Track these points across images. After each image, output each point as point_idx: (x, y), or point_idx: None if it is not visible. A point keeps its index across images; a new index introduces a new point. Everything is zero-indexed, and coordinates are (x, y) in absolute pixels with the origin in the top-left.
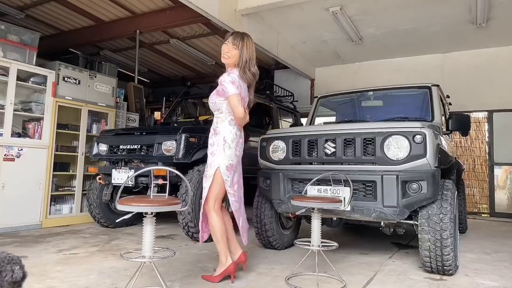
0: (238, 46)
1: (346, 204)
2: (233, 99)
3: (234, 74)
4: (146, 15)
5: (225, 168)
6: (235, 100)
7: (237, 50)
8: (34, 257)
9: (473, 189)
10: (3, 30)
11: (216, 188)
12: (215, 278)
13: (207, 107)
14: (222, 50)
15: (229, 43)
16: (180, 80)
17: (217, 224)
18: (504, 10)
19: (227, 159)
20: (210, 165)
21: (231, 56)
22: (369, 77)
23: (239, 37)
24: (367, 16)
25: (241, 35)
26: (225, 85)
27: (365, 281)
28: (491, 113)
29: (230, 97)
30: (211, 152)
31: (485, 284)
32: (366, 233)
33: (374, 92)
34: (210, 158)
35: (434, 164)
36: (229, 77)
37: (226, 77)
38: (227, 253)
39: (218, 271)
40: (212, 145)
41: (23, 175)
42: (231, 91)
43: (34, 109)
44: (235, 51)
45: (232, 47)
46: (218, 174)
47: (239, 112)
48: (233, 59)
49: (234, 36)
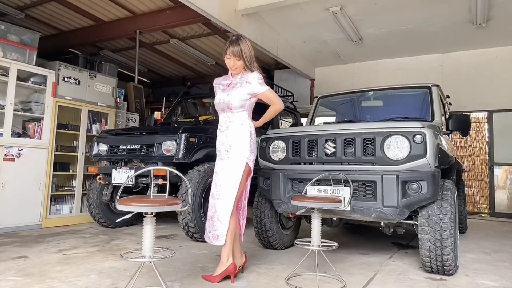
0: (240, 55)
1: (346, 204)
2: (271, 93)
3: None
4: (146, 15)
5: (252, 164)
6: (272, 93)
7: (240, 59)
8: (34, 257)
9: (473, 189)
10: (3, 30)
11: (242, 185)
12: (215, 278)
13: (207, 107)
14: (228, 65)
15: (231, 57)
16: (180, 80)
17: (235, 223)
18: (504, 10)
19: (253, 155)
20: (239, 161)
21: (238, 67)
22: (369, 77)
23: (236, 47)
24: (367, 16)
25: (236, 43)
26: (259, 82)
27: (365, 281)
28: (491, 113)
29: (266, 92)
30: (238, 148)
31: (485, 284)
32: (366, 233)
33: (374, 92)
34: (236, 154)
35: (434, 164)
36: (257, 75)
37: (255, 75)
38: (230, 254)
39: (218, 271)
40: (239, 141)
41: (23, 175)
42: (265, 87)
43: (34, 109)
44: (239, 62)
45: (235, 59)
46: (247, 170)
47: (280, 103)
48: (241, 67)
49: (232, 49)
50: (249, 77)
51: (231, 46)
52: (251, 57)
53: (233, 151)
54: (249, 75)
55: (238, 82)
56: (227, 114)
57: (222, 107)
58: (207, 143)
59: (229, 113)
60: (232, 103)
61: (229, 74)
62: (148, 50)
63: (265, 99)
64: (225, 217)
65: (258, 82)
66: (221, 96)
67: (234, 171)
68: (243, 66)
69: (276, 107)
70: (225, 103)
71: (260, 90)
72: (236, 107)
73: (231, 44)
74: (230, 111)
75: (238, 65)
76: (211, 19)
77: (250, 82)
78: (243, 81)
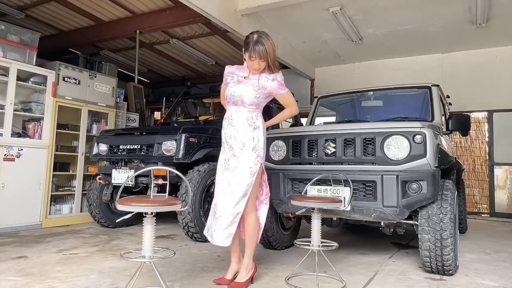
0: (265, 57)
1: (346, 204)
2: (290, 97)
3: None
4: (146, 15)
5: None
6: (291, 97)
7: (264, 61)
8: (34, 257)
9: (473, 189)
10: (3, 30)
11: (256, 185)
12: (244, 284)
13: (207, 107)
14: (251, 67)
15: (256, 59)
16: (180, 80)
17: (258, 224)
18: (504, 10)
19: (265, 154)
20: (253, 161)
21: (261, 67)
22: (369, 77)
23: (263, 49)
24: (367, 16)
25: (262, 45)
26: (281, 83)
27: (365, 281)
28: (491, 113)
29: (286, 94)
30: (252, 147)
31: (485, 284)
32: (366, 233)
33: (374, 92)
34: (250, 153)
35: (434, 164)
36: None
37: (278, 75)
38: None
39: (246, 276)
40: (252, 140)
41: (23, 175)
42: (285, 89)
43: (34, 109)
44: (263, 63)
45: (260, 61)
46: (261, 170)
47: (297, 108)
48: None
49: (258, 52)
50: (272, 76)
51: (257, 49)
52: (275, 56)
53: (247, 150)
54: (272, 74)
55: (257, 78)
56: (239, 108)
57: (235, 100)
58: (207, 143)
59: (242, 108)
60: (247, 98)
61: (245, 65)
62: (148, 50)
63: (283, 101)
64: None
65: (281, 83)
66: (236, 88)
67: (249, 171)
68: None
69: (292, 111)
70: (240, 97)
71: (280, 92)
72: (252, 103)
73: (257, 46)
74: (243, 106)
75: (262, 66)
76: (211, 19)
77: (272, 81)
78: (263, 77)
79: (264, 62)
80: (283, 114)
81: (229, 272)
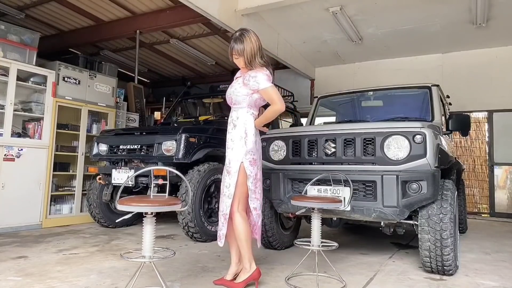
0: (242, 54)
1: (346, 204)
2: (272, 91)
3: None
4: (146, 15)
5: (248, 163)
6: (275, 92)
7: (242, 55)
8: (34, 257)
9: (473, 189)
10: (3, 30)
11: (240, 186)
12: (239, 285)
13: (207, 107)
14: (237, 64)
15: (237, 56)
16: (180, 80)
17: (243, 226)
18: (504, 10)
19: (249, 153)
20: (232, 160)
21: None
22: (369, 77)
23: (240, 47)
24: (367, 16)
25: (241, 42)
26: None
27: (365, 281)
28: (491, 113)
29: (267, 89)
30: (231, 147)
31: (485, 284)
32: (366, 233)
33: (374, 92)
34: (231, 153)
35: (434, 164)
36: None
37: (261, 70)
38: (251, 258)
39: (242, 278)
40: (233, 140)
41: (23, 175)
42: (267, 83)
43: (34, 109)
44: (242, 58)
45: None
46: (242, 170)
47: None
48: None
49: (236, 49)
50: (254, 72)
51: (236, 44)
52: (252, 54)
53: (228, 149)
54: (256, 70)
55: (243, 77)
56: (233, 108)
57: (228, 102)
58: (207, 143)
59: (234, 108)
60: (233, 97)
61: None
62: (148, 50)
63: (266, 96)
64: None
65: (262, 78)
66: (229, 89)
67: (232, 170)
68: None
69: (276, 107)
70: (229, 97)
71: (261, 86)
72: (238, 102)
73: (234, 41)
74: (234, 105)
75: (242, 63)
76: (211, 19)
77: (254, 77)
78: (247, 75)
79: (242, 56)
80: (267, 112)
81: (229, 273)
